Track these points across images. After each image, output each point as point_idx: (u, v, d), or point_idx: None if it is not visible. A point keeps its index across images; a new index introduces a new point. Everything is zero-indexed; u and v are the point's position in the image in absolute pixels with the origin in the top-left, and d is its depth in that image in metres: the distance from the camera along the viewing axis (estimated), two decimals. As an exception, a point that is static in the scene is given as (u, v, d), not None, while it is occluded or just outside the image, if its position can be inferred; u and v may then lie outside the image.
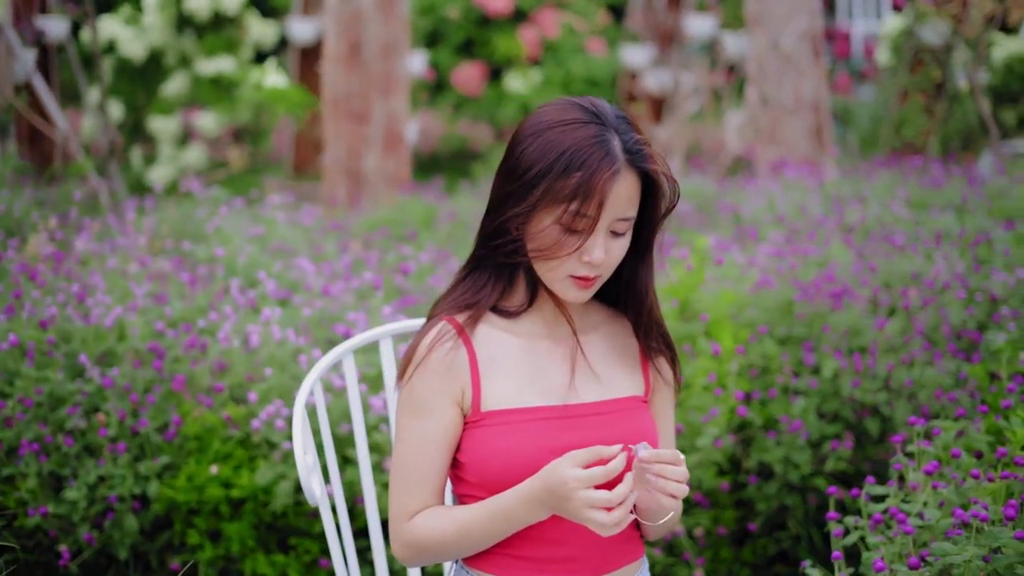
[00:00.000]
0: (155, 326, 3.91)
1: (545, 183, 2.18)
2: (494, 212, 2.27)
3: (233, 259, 4.61)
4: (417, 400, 2.27)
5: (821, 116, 7.89)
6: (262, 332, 3.77)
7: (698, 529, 3.83)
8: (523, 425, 2.24)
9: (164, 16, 9.51)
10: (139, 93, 9.76)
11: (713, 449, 3.73)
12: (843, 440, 3.94)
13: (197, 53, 9.56)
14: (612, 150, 2.19)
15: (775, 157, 7.65)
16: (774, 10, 7.72)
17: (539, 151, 2.19)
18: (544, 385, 2.29)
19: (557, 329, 2.35)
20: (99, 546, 3.68)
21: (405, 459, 2.27)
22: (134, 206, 5.77)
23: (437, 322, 2.30)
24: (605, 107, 2.25)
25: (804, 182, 6.10)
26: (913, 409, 4.01)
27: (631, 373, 2.38)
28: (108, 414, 3.69)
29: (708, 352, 3.89)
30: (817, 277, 4.36)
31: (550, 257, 2.22)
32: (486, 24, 10.47)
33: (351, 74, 7.63)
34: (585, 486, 2.07)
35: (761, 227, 5.32)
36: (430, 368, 2.26)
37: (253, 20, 9.82)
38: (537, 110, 2.27)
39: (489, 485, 2.24)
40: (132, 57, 9.52)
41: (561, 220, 2.19)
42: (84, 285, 4.26)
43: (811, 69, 7.83)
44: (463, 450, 2.28)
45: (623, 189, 2.20)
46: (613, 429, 2.28)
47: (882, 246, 4.88)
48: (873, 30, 12.57)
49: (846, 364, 4.00)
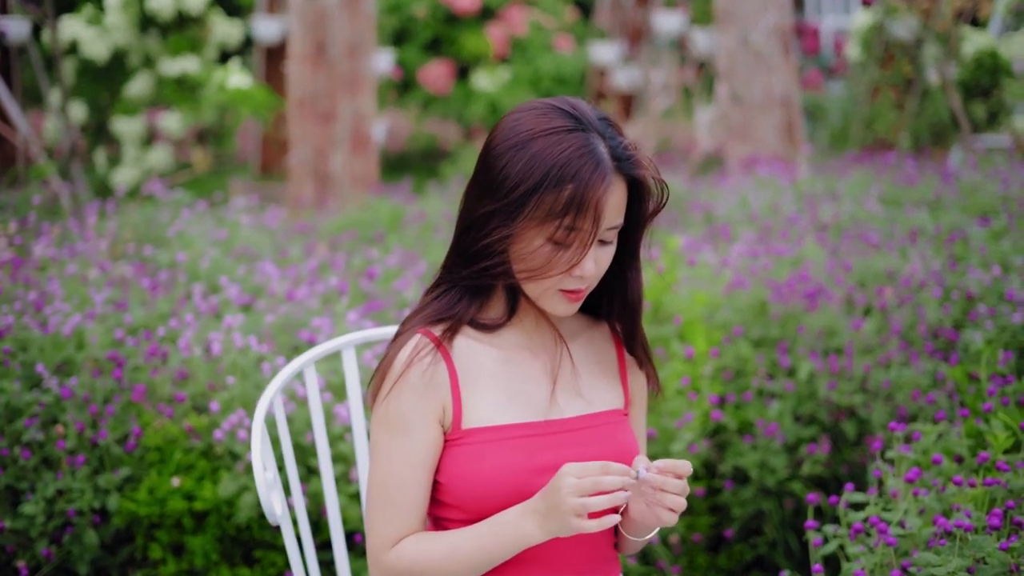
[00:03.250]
0: (115, 334, 3.80)
1: (535, 200, 2.06)
2: (476, 231, 2.13)
3: (195, 264, 4.50)
4: (396, 419, 2.14)
5: (792, 112, 7.84)
6: (223, 339, 3.67)
7: (673, 536, 3.75)
8: (504, 443, 2.14)
9: (127, 16, 9.37)
10: (102, 94, 9.60)
11: (687, 455, 3.65)
12: (820, 443, 3.87)
13: (161, 53, 9.42)
14: (602, 160, 2.08)
15: (746, 154, 7.60)
16: (744, 6, 7.66)
17: (525, 166, 2.07)
18: (525, 400, 2.19)
19: (537, 340, 2.24)
20: (58, 562, 3.57)
21: (386, 481, 2.14)
22: (96, 209, 5.66)
23: (412, 335, 2.18)
24: (585, 109, 2.13)
25: (776, 180, 6.04)
26: (890, 411, 3.94)
27: (611, 385, 2.28)
28: (67, 425, 3.59)
29: (681, 355, 3.82)
30: (791, 277, 4.29)
31: (542, 277, 2.11)
32: (453, 22, 10.38)
33: (317, 74, 7.52)
34: (578, 494, 1.97)
35: (734, 226, 5.25)
36: (409, 384, 2.14)
37: (218, 19, 9.69)
38: (512, 116, 2.13)
39: (468, 506, 2.14)
40: (95, 58, 9.37)
41: (554, 237, 2.08)
42: (42, 292, 4.15)
43: (781, 65, 7.78)
44: (442, 470, 2.17)
45: (614, 198, 2.09)
46: (594, 446, 2.18)
47: (856, 244, 4.82)
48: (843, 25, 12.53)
49: (822, 366, 3.93)
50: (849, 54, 10.24)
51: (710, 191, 6.23)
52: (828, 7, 13.14)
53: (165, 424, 3.60)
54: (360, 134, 7.55)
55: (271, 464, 2.36)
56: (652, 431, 3.66)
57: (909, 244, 4.77)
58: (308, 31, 7.51)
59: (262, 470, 2.27)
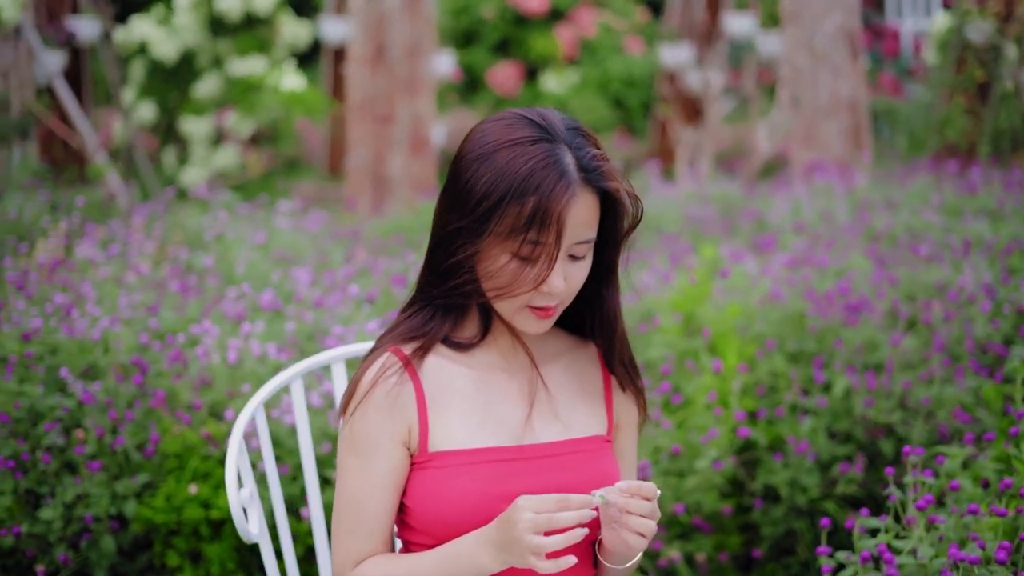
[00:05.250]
0: (140, 338, 3.79)
1: (498, 215, 1.98)
2: (443, 249, 2.06)
3: (231, 268, 4.48)
4: (359, 439, 2.08)
5: (859, 117, 7.67)
6: (241, 347, 3.63)
7: (700, 555, 3.65)
8: (472, 468, 2.05)
9: (196, 17, 9.43)
10: (172, 94, 9.68)
11: (712, 471, 3.55)
12: (855, 462, 3.75)
13: (229, 54, 9.47)
14: (566, 170, 1.99)
15: (810, 159, 7.44)
16: (809, 7, 7.51)
17: (488, 179, 1.99)
18: (498, 423, 2.10)
19: (514, 360, 2.16)
20: (77, 567, 3.56)
21: (349, 502, 2.08)
22: (147, 211, 5.66)
23: (381, 353, 2.11)
24: (555, 119, 2.04)
25: (832, 187, 5.89)
26: (931, 430, 3.81)
27: (594, 409, 2.18)
28: (87, 430, 3.58)
29: (711, 369, 3.72)
30: (832, 289, 4.17)
31: (510, 295, 2.02)
32: (522, 23, 10.31)
33: (376, 76, 7.50)
34: (534, 530, 1.88)
35: (782, 235, 5.12)
36: (373, 404, 2.07)
37: (287, 20, 9.72)
38: (480, 127, 2.06)
39: (434, 532, 2.06)
40: (164, 58, 9.44)
41: (519, 253, 2.00)
42: (77, 295, 4.15)
43: (848, 68, 7.62)
44: (408, 493, 2.10)
45: (581, 211, 2.00)
46: (571, 473, 2.08)
47: (906, 255, 4.67)
48: (923, 28, 12.29)
49: (859, 382, 3.80)
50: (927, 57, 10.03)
51: (765, 199, 6.10)
52: (909, 9, 12.90)
53: (184, 431, 3.58)
54: (418, 136, 7.51)
55: (249, 480, 2.31)
56: (677, 447, 3.56)
57: (962, 256, 4.62)
58: (368, 33, 7.50)
59: (235, 490, 2.22)
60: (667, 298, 3.97)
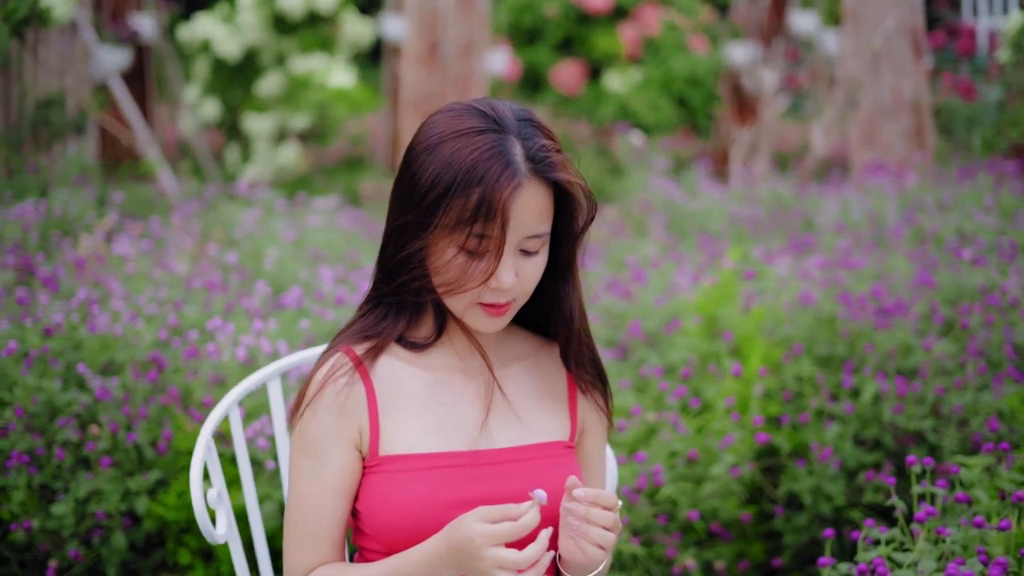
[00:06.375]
0: (159, 335, 3.77)
1: (444, 207, 1.91)
2: (393, 244, 2.00)
3: (260, 265, 4.46)
4: (309, 442, 2.02)
5: (922, 117, 7.50)
6: (253, 344, 3.60)
7: (719, 563, 3.55)
8: (424, 474, 1.98)
9: (259, 15, 9.46)
10: (235, 92, 9.71)
11: (730, 478, 3.45)
12: (882, 469, 3.63)
13: (292, 52, 9.49)
14: (513, 160, 1.92)
15: (871, 160, 7.28)
16: (872, 5, 7.35)
17: (434, 171, 1.93)
18: (453, 427, 2.02)
19: (471, 362, 2.08)
20: (90, 563, 3.55)
21: (299, 506, 2.03)
22: (191, 208, 5.67)
23: (333, 353, 2.05)
24: (504, 110, 1.97)
25: (883, 188, 5.75)
26: (963, 438, 3.69)
27: (556, 413, 2.10)
28: (102, 426, 3.57)
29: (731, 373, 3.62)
30: (865, 291, 4.04)
31: (459, 291, 1.95)
32: (585, 22, 10.21)
33: (430, 74, 7.46)
34: (493, 543, 1.81)
35: (824, 236, 4.99)
36: (323, 406, 2.01)
37: (350, 19, 9.72)
38: (430, 119, 2.00)
39: (385, 539, 1.99)
40: (227, 56, 9.48)
41: (465, 246, 1.93)
42: (106, 290, 4.15)
43: (911, 67, 7.45)
44: (360, 498, 2.03)
45: (529, 203, 1.93)
46: (527, 480, 1.99)
47: (950, 258, 4.53)
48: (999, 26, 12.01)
49: (888, 387, 3.68)
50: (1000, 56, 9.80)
51: (815, 199, 5.97)
52: (984, 7, 12.61)
53: (196, 428, 3.56)
54: (471, 135, 7.44)
55: (219, 479, 2.27)
56: (693, 452, 3.47)
57: (1009, 259, 4.47)
58: (422, 31, 7.46)
59: (200, 486, 2.18)
60: (692, 300, 3.88)
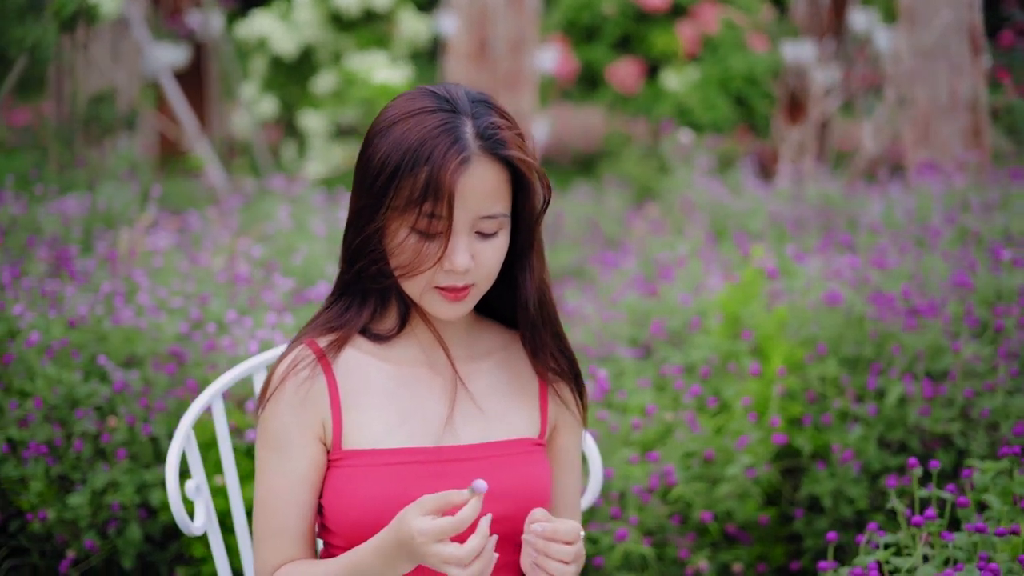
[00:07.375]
0: (179, 328, 3.78)
1: (394, 187, 1.89)
2: (352, 229, 1.98)
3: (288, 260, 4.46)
4: (271, 435, 2.00)
5: (979, 117, 7.35)
6: (266, 339, 3.60)
7: (736, 566, 3.49)
8: (387, 470, 1.95)
9: (316, 12, 9.51)
10: (292, 89, 9.76)
11: (746, 479, 3.39)
12: (905, 473, 3.55)
13: (348, 49, 9.52)
14: (461, 137, 1.89)
15: (925, 159, 7.16)
16: (928, 3, 7.22)
17: (385, 152, 1.90)
18: (418, 422, 1.99)
19: (436, 355, 2.05)
20: (106, 554, 3.57)
21: (265, 501, 2.01)
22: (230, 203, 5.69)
23: (296, 346, 2.03)
24: (459, 92, 1.94)
25: (930, 187, 5.64)
26: (992, 443, 3.60)
27: (524, 409, 2.05)
28: (120, 418, 3.58)
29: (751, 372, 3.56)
30: (896, 291, 3.96)
31: (413, 273, 1.92)
32: (643, 20, 10.14)
33: (480, 72, 7.45)
34: (435, 539, 1.78)
35: (861, 235, 4.90)
36: (284, 399, 1.99)
37: (407, 16, 9.74)
38: (389, 104, 1.98)
39: (347, 535, 1.97)
40: (284, 53, 9.54)
41: (416, 226, 1.90)
42: (134, 283, 4.17)
43: (968, 66, 7.31)
44: (324, 492, 2.01)
45: (481, 182, 1.89)
46: (490, 477, 1.95)
47: (989, 259, 4.43)
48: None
49: (913, 389, 3.60)
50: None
51: (862, 199, 5.87)
52: (1055, 5, 12.39)
53: (209, 421, 3.56)
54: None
55: (199, 472, 2.26)
56: (710, 452, 3.41)
57: (1049, 260, 4.36)
58: (471, 28, 7.45)
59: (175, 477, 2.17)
60: (714, 299, 3.82)
